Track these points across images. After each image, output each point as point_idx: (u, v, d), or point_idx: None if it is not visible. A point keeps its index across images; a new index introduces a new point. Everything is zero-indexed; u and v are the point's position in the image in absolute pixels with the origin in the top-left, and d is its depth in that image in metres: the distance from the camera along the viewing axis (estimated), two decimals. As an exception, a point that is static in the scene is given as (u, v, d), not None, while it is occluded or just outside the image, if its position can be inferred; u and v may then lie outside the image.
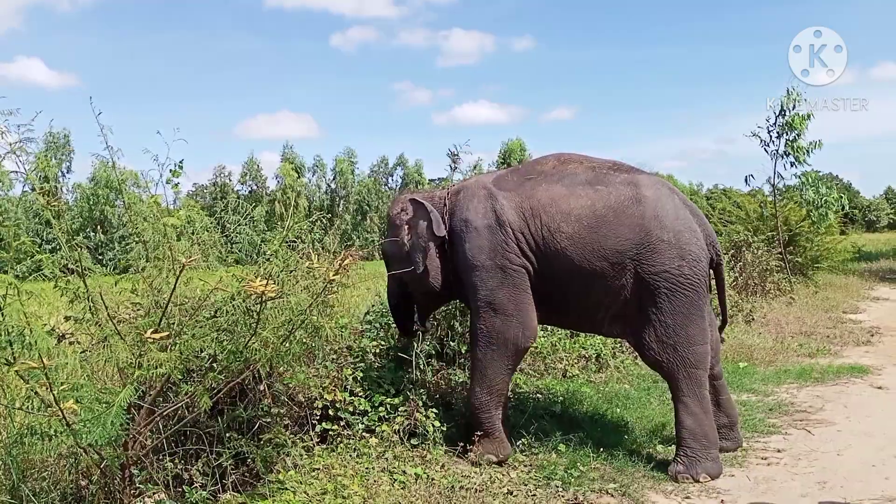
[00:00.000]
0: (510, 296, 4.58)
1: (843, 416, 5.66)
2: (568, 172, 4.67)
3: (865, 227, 53.29)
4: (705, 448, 4.41)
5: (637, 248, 4.40)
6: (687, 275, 4.41)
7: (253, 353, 3.33)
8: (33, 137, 3.25)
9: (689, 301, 4.41)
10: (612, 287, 4.46)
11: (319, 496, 3.75)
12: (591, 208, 4.47)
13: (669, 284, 4.39)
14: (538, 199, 4.57)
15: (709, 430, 4.45)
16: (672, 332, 4.41)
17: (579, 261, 4.43)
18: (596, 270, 4.42)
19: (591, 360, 7.06)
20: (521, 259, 4.57)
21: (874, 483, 4.22)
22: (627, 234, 4.40)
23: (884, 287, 14.80)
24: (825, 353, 8.19)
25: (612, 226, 4.42)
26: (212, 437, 3.90)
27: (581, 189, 4.54)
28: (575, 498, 4.06)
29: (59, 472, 3.55)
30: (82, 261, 3.16)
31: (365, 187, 44.64)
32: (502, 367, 4.62)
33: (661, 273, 4.39)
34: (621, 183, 4.55)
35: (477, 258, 4.63)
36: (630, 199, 4.47)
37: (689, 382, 4.45)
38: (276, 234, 3.75)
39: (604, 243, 4.41)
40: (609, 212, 4.44)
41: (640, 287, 4.42)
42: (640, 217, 4.43)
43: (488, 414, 4.61)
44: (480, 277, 4.62)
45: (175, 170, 3.83)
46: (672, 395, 4.58)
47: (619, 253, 4.40)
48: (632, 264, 4.40)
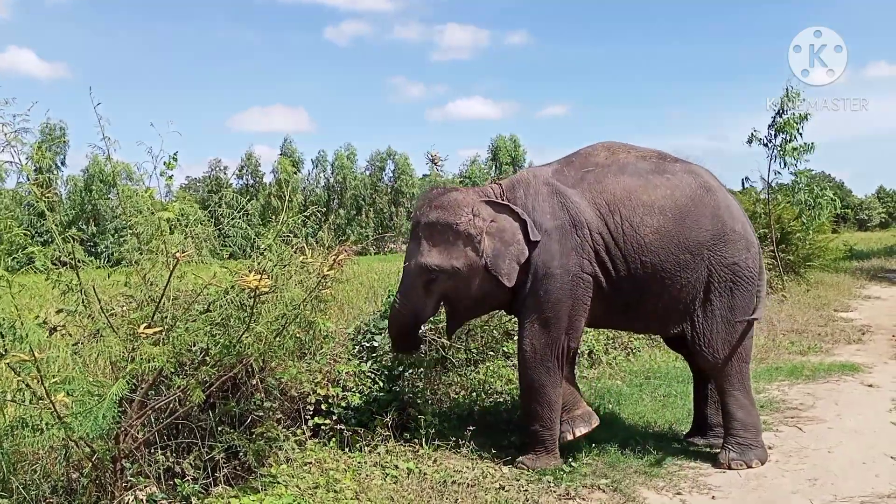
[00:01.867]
0: (570, 310, 4.30)
1: (833, 413, 5.68)
2: (626, 162, 4.46)
3: (857, 226, 53.47)
4: (755, 436, 4.51)
5: (714, 239, 4.32)
6: (750, 267, 4.39)
7: (246, 348, 3.32)
8: (29, 128, 3.22)
9: (749, 294, 4.40)
10: (689, 281, 4.33)
11: (311, 490, 3.75)
12: (671, 198, 4.31)
13: (736, 277, 4.35)
14: (612, 192, 4.32)
15: (756, 419, 4.56)
16: (732, 328, 4.39)
17: (664, 255, 4.26)
18: (679, 264, 4.27)
19: (583, 356, 7.07)
20: (592, 267, 4.29)
21: (864, 480, 4.24)
22: (707, 225, 4.31)
23: (875, 286, 14.86)
24: (816, 351, 8.21)
25: (694, 216, 4.30)
26: (204, 431, 3.90)
27: (654, 179, 4.37)
28: (566, 493, 4.07)
29: (50, 465, 3.54)
30: (75, 253, 3.14)
31: (361, 182, 44.50)
32: (556, 379, 4.39)
33: (732, 265, 4.34)
34: (683, 171, 4.44)
35: (547, 265, 4.26)
36: (701, 187, 4.38)
37: (740, 376, 4.49)
38: (271, 228, 3.74)
39: (688, 234, 4.27)
40: (689, 201, 4.32)
41: (709, 280, 4.34)
42: (715, 206, 4.36)
43: (551, 431, 4.42)
44: (546, 288, 4.27)
45: (169, 162, 3.81)
46: (720, 388, 4.58)
47: (700, 244, 4.29)
48: (708, 255, 4.31)
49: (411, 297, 4.43)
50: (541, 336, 4.32)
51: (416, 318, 4.49)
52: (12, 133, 3.11)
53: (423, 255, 4.35)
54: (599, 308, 4.41)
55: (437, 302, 4.48)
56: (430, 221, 4.40)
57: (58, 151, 35.89)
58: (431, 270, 4.33)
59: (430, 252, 4.34)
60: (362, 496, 3.78)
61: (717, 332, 4.40)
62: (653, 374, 6.98)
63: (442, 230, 4.35)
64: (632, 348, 7.81)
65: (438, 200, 4.47)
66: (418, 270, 4.37)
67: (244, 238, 4.41)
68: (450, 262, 4.31)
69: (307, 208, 4.11)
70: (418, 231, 4.45)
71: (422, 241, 4.39)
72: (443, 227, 4.35)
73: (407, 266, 4.48)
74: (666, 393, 6.25)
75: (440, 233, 4.35)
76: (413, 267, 4.40)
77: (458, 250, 4.32)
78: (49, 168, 32.89)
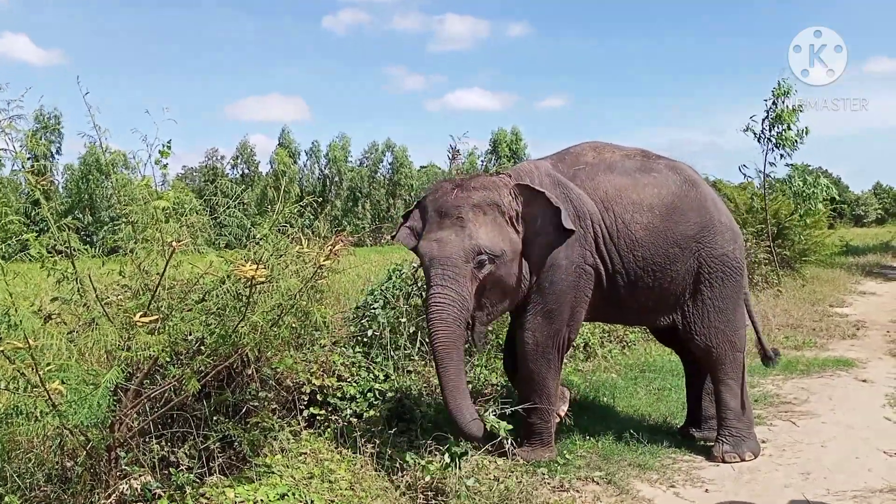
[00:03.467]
0: (573, 301, 4.30)
1: (827, 408, 5.71)
2: (613, 161, 4.55)
3: (853, 221, 53.62)
4: (748, 428, 4.57)
5: (702, 232, 4.43)
6: (738, 258, 4.54)
7: (241, 337, 3.31)
8: (23, 114, 3.20)
9: (738, 284, 4.54)
10: (679, 274, 4.43)
11: (306, 480, 3.75)
12: (659, 196, 4.42)
13: (725, 268, 4.47)
14: (605, 189, 4.39)
15: (749, 411, 4.62)
16: (723, 317, 4.49)
17: (654, 250, 4.35)
18: (669, 257, 4.38)
19: (578, 348, 7.09)
20: (594, 258, 4.32)
21: (857, 475, 4.27)
22: (694, 218, 4.43)
23: (870, 281, 14.91)
24: (811, 346, 8.25)
25: (680, 211, 4.41)
26: (199, 420, 3.89)
27: (642, 178, 4.46)
28: (560, 485, 4.09)
29: (45, 453, 3.53)
30: (71, 242, 3.12)
31: (358, 174, 44.36)
32: (554, 373, 4.42)
33: (720, 256, 4.45)
34: (667, 169, 4.55)
35: (553, 256, 4.18)
36: (685, 183, 4.49)
37: (733, 365, 4.56)
38: (267, 218, 3.72)
39: (675, 229, 4.38)
40: (675, 198, 4.44)
41: (699, 272, 4.45)
42: (700, 200, 4.49)
43: (548, 423, 4.45)
44: (551, 279, 4.21)
45: (164, 150, 3.78)
46: (714, 378, 4.65)
47: (688, 237, 4.40)
48: (697, 247, 4.42)
49: (460, 288, 3.97)
50: (543, 328, 4.31)
51: (466, 312, 4.01)
52: (6, 120, 3.09)
53: (473, 236, 3.99)
54: (597, 301, 4.43)
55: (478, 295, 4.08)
56: (475, 202, 4.08)
57: (52, 140, 35.73)
58: (482, 253, 3.99)
59: (478, 233, 4.01)
60: (357, 487, 3.78)
61: (707, 320, 4.49)
62: (648, 368, 7.00)
63: (489, 210, 4.09)
64: (627, 342, 7.83)
65: (476, 182, 4.21)
66: (468, 254, 3.98)
67: (240, 227, 4.39)
68: (500, 244, 4.05)
69: (303, 198, 4.09)
70: (458, 213, 4.06)
71: (466, 223, 4.03)
72: (489, 206, 4.09)
73: (446, 252, 4.01)
74: (660, 386, 6.27)
75: (486, 213, 4.08)
76: (461, 251, 3.98)
77: (505, 232, 4.10)
78: (44, 156, 32.49)
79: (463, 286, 3.97)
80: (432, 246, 4.07)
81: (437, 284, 3.98)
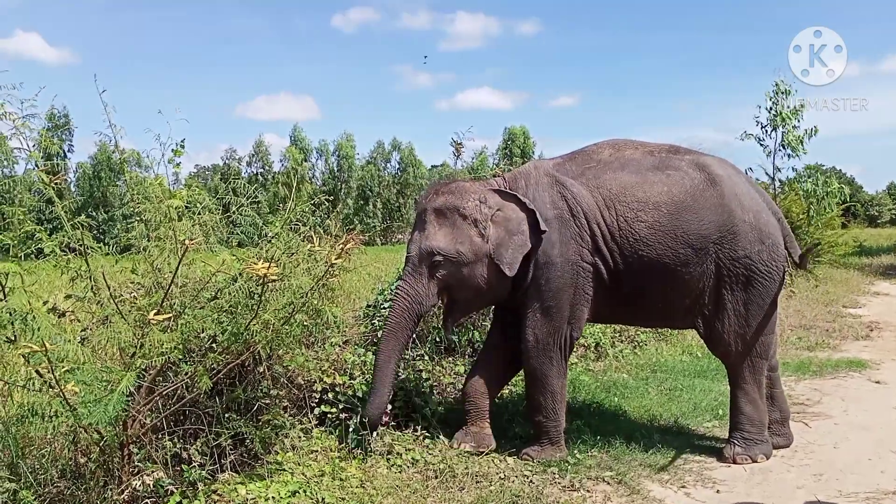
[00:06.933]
0: (572, 299, 4.31)
1: (840, 409, 5.67)
2: (630, 159, 4.45)
3: (867, 221, 53.19)
4: (760, 432, 4.51)
5: (720, 232, 4.26)
6: (766, 261, 4.31)
7: (253, 335, 3.33)
8: (36, 113, 3.22)
9: (765, 289, 4.34)
10: (693, 276, 4.30)
11: (317, 478, 3.77)
12: (668, 194, 4.29)
13: (748, 272, 4.29)
14: (608, 187, 4.33)
15: (763, 415, 4.54)
16: (745, 323, 4.36)
17: (662, 249, 4.24)
18: (679, 258, 4.25)
19: (590, 348, 7.08)
20: (592, 256, 4.30)
21: (870, 476, 4.24)
22: (710, 218, 4.26)
23: (884, 282, 14.79)
24: (824, 347, 8.19)
25: (693, 210, 4.26)
26: (211, 418, 3.91)
27: (652, 175, 4.35)
28: (571, 485, 4.08)
29: (58, 450, 3.56)
30: (85, 240, 3.15)
31: (368, 173, 44.41)
32: (559, 370, 4.41)
33: (742, 259, 4.27)
34: (689, 165, 4.40)
35: (547, 254, 4.27)
36: (704, 181, 4.33)
37: (752, 371, 4.47)
38: (279, 216, 3.74)
39: (687, 229, 4.24)
40: (687, 196, 4.28)
41: (718, 275, 4.30)
42: (719, 198, 4.29)
43: (556, 422, 4.44)
44: (546, 277, 4.28)
45: (177, 149, 3.81)
46: (731, 380, 4.59)
47: (703, 238, 4.25)
48: (714, 249, 4.26)
49: (414, 284, 4.29)
50: (543, 325, 4.33)
51: (418, 307, 4.30)
52: (20, 119, 3.11)
53: (429, 238, 4.27)
54: (603, 301, 4.41)
55: (439, 292, 4.35)
56: (436, 206, 4.33)
57: (63, 138, 35.99)
58: (436, 254, 4.24)
59: (435, 235, 4.27)
60: (367, 484, 3.80)
61: (728, 326, 4.37)
62: (659, 368, 6.98)
63: (448, 214, 4.30)
64: (638, 342, 7.80)
65: (445, 187, 4.45)
66: (423, 254, 4.27)
67: (252, 226, 4.41)
68: (455, 246, 4.25)
69: (314, 197, 4.11)
70: (424, 217, 4.37)
71: (427, 225, 4.32)
72: (450, 210, 4.31)
73: (410, 252, 4.37)
74: (672, 387, 6.24)
75: (446, 216, 4.30)
76: (417, 251, 4.30)
77: (464, 235, 4.27)
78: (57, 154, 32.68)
79: (419, 283, 4.29)
80: (407, 245, 4.51)
81: (399, 279, 4.51)
